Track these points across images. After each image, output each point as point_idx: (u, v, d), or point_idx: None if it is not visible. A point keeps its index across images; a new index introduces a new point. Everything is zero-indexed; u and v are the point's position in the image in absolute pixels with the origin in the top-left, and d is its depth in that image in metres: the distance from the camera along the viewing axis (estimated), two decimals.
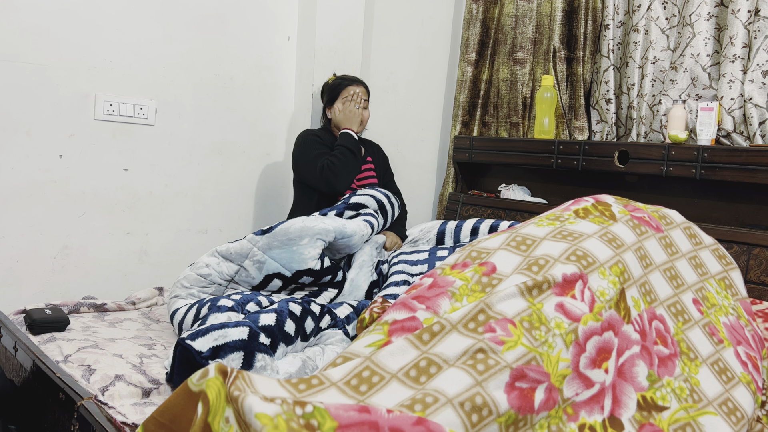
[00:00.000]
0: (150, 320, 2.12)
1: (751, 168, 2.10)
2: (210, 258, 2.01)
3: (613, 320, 1.30)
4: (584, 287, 1.31)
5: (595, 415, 1.19)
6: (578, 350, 1.23)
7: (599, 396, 1.22)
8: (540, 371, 1.15)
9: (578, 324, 1.25)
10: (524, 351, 1.16)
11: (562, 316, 1.25)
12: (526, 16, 2.93)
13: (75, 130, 2.31)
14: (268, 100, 2.80)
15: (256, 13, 2.71)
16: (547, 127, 2.78)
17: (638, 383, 1.29)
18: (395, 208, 2.41)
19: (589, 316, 1.27)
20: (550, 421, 1.13)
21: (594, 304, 1.29)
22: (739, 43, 2.28)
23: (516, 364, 1.13)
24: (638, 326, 1.35)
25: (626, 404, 1.25)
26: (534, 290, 1.27)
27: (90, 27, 2.30)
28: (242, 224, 2.77)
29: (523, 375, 1.13)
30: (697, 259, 1.65)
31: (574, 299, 1.28)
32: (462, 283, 1.35)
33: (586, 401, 1.20)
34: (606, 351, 1.27)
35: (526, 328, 1.19)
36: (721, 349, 1.46)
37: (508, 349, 1.15)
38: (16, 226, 2.23)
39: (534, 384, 1.13)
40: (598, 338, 1.26)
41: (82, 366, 1.60)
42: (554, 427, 1.13)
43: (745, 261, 2.03)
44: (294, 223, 2.00)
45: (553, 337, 1.21)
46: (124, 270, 2.47)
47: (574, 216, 1.58)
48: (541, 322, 1.22)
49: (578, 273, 1.32)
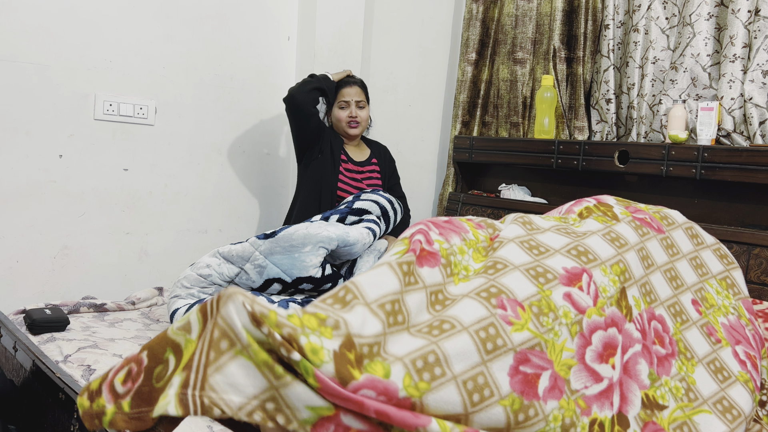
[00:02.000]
0: (150, 320, 2.12)
1: (751, 168, 2.10)
2: (211, 259, 2.01)
3: (616, 317, 1.31)
4: (590, 280, 1.32)
5: (605, 410, 1.20)
6: (584, 342, 1.23)
7: (608, 391, 1.22)
8: (543, 357, 1.15)
9: (583, 316, 1.26)
10: (530, 336, 1.16)
11: (570, 305, 1.25)
12: (526, 16, 2.93)
13: (75, 130, 2.31)
14: (268, 100, 2.80)
15: (256, 13, 2.71)
16: (547, 127, 2.78)
17: (641, 381, 1.30)
18: (398, 214, 2.39)
19: (593, 309, 1.28)
20: (564, 413, 1.13)
21: (597, 299, 1.30)
22: (739, 43, 2.28)
23: (520, 348, 1.13)
24: (639, 325, 1.36)
25: (632, 401, 1.26)
26: (540, 278, 1.27)
27: (90, 27, 2.30)
28: (242, 224, 2.77)
29: (526, 360, 1.13)
30: (698, 260, 1.66)
31: (581, 291, 1.29)
32: (473, 238, 1.37)
33: (597, 396, 1.20)
34: (611, 347, 1.27)
35: (534, 313, 1.20)
36: (718, 349, 1.47)
37: (516, 330, 1.15)
38: (16, 226, 2.23)
39: (538, 370, 1.14)
40: (603, 333, 1.27)
41: (82, 366, 1.60)
42: (568, 420, 1.13)
43: (746, 261, 2.03)
44: (297, 230, 1.99)
45: (559, 326, 1.21)
46: (124, 270, 2.47)
47: (578, 219, 1.60)
48: (550, 308, 1.23)
49: (580, 267, 1.33)
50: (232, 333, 0.90)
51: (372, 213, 2.24)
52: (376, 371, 0.97)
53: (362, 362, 0.98)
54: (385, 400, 0.96)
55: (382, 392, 0.96)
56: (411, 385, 0.99)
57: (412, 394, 0.98)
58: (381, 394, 0.96)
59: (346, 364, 0.94)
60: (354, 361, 0.96)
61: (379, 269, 1.14)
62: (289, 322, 0.91)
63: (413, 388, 0.99)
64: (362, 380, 0.95)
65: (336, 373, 0.92)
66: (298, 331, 0.91)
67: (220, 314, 0.91)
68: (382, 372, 0.98)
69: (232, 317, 0.90)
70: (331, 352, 0.93)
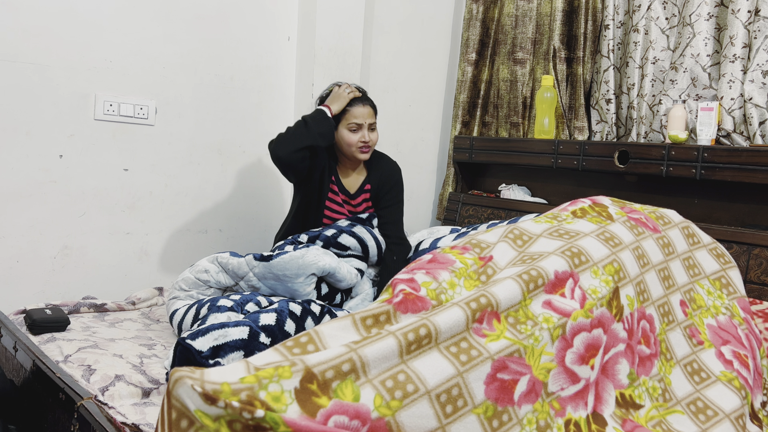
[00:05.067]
0: (150, 320, 2.12)
1: (751, 168, 2.10)
2: (210, 265, 2.02)
3: (603, 318, 1.32)
4: (575, 285, 1.33)
5: (579, 410, 1.22)
6: (564, 345, 1.25)
7: (584, 392, 1.24)
8: (522, 363, 1.16)
9: (568, 319, 1.27)
10: (507, 343, 1.17)
11: (551, 311, 1.26)
12: (526, 16, 2.93)
13: (75, 130, 2.31)
14: (268, 100, 2.80)
15: (255, 13, 2.71)
16: (547, 127, 2.78)
17: (618, 380, 1.32)
18: (382, 251, 2.24)
19: (580, 312, 1.29)
20: (538, 416, 1.14)
21: (585, 301, 1.31)
22: (739, 43, 2.28)
23: (498, 356, 1.14)
24: (627, 325, 1.38)
25: (606, 401, 1.28)
26: (530, 284, 1.28)
27: (90, 27, 2.30)
28: (242, 224, 2.77)
29: (504, 366, 1.14)
30: (691, 260, 1.66)
31: (563, 297, 1.30)
32: (461, 266, 1.37)
33: (572, 396, 1.22)
34: (594, 348, 1.29)
35: (510, 323, 1.21)
36: (699, 351, 1.49)
37: (491, 341, 1.16)
38: (16, 226, 2.23)
39: (516, 376, 1.14)
40: (586, 335, 1.28)
41: (82, 366, 1.60)
42: (542, 422, 1.14)
43: (745, 261, 2.03)
44: (293, 260, 1.96)
45: (540, 331, 1.22)
46: (124, 270, 2.47)
47: (571, 216, 1.59)
48: (527, 317, 1.24)
49: (569, 271, 1.34)
50: (188, 413, 0.89)
51: (352, 250, 2.18)
52: (346, 395, 0.97)
53: (330, 386, 0.98)
54: (359, 424, 0.96)
55: (354, 416, 0.96)
56: (382, 405, 0.99)
57: (384, 414, 0.98)
58: (354, 418, 0.96)
59: (310, 397, 0.95)
60: (318, 390, 0.96)
61: (342, 321, 1.14)
62: (244, 384, 0.91)
63: (385, 407, 0.99)
64: (330, 407, 0.95)
65: (301, 409, 0.92)
66: (255, 388, 0.91)
67: (173, 395, 0.90)
68: (352, 396, 0.98)
69: (184, 400, 0.89)
70: (293, 392, 0.93)
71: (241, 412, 0.88)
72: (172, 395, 0.90)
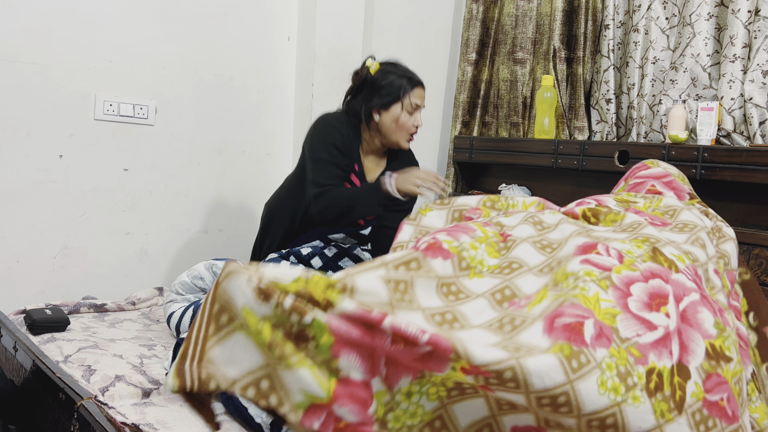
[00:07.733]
0: (150, 321, 2.12)
1: (751, 168, 2.10)
2: (206, 272, 2.02)
3: (655, 270, 1.23)
4: (607, 247, 1.26)
5: (664, 359, 1.11)
6: (621, 294, 1.15)
7: (665, 339, 1.13)
8: (580, 307, 1.08)
9: (610, 272, 1.18)
10: (551, 299, 1.10)
11: (591, 266, 1.19)
12: (526, 16, 2.93)
13: (75, 130, 2.31)
14: (268, 100, 2.80)
15: (255, 13, 2.71)
16: (547, 127, 2.78)
17: (705, 330, 1.19)
18: None
19: (621, 266, 1.21)
20: (617, 362, 1.05)
21: (623, 258, 1.23)
22: (739, 43, 2.28)
23: (547, 312, 1.07)
24: (689, 276, 1.27)
25: (694, 351, 1.15)
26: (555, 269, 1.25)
27: (90, 27, 2.30)
28: (242, 224, 2.77)
29: (560, 314, 1.06)
30: (713, 233, 1.62)
31: (599, 255, 1.23)
32: (482, 234, 1.34)
33: (653, 344, 1.11)
34: (660, 296, 1.18)
35: (549, 287, 1.16)
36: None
37: (535, 304, 1.11)
38: (16, 226, 2.23)
39: (579, 318, 1.06)
40: (643, 284, 1.18)
41: (82, 366, 1.60)
42: (623, 368, 1.05)
43: (746, 261, 2.03)
44: None
45: (584, 282, 1.14)
46: (124, 270, 2.47)
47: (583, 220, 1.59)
48: (566, 276, 1.17)
49: (593, 241, 1.27)
50: (233, 308, 0.88)
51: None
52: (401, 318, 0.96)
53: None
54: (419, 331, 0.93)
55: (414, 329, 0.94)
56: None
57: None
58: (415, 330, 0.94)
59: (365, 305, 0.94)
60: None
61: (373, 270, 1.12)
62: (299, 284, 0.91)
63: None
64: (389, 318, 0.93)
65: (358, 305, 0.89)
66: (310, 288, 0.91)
67: (221, 287, 0.89)
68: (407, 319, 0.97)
69: (232, 294, 0.87)
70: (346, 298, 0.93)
71: (290, 313, 0.87)
72: (220, 287, 0.88)
